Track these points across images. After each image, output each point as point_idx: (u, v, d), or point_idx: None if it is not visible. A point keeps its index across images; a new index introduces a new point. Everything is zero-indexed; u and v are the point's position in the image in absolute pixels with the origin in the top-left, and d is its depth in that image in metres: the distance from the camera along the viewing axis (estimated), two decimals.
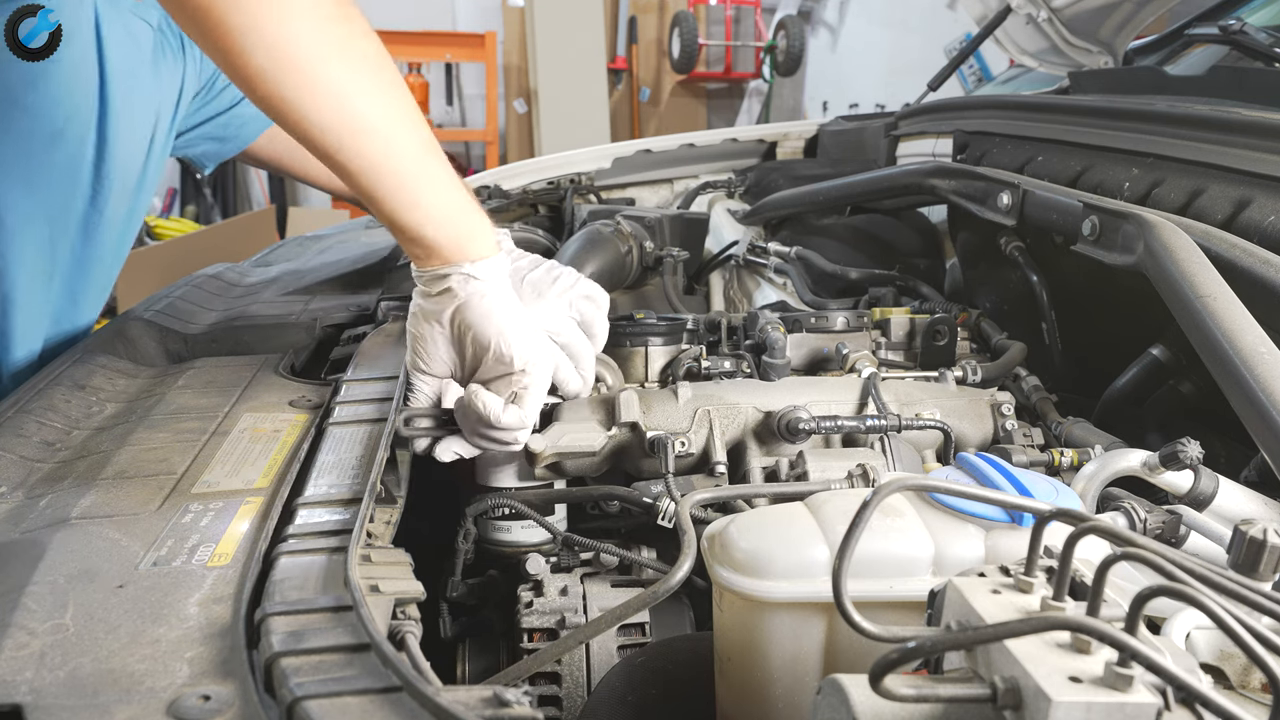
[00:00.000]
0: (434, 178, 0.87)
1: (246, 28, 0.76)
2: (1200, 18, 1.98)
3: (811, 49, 7.42)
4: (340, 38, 0.81)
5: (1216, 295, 0.91)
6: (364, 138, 0.83)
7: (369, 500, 0.74)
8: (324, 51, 0.80)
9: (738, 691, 0.72)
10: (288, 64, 0.78)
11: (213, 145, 1.42)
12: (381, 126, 0.84)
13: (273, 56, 0.78)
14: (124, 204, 1.26)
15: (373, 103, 0.83)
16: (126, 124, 1.21)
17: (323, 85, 0.80)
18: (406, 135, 0.85)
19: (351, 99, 0.82)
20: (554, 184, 2.35)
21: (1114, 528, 0.49)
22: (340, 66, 0.81)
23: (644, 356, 1.24)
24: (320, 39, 0.80)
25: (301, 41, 0.79)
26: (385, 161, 0.84)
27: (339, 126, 0.82)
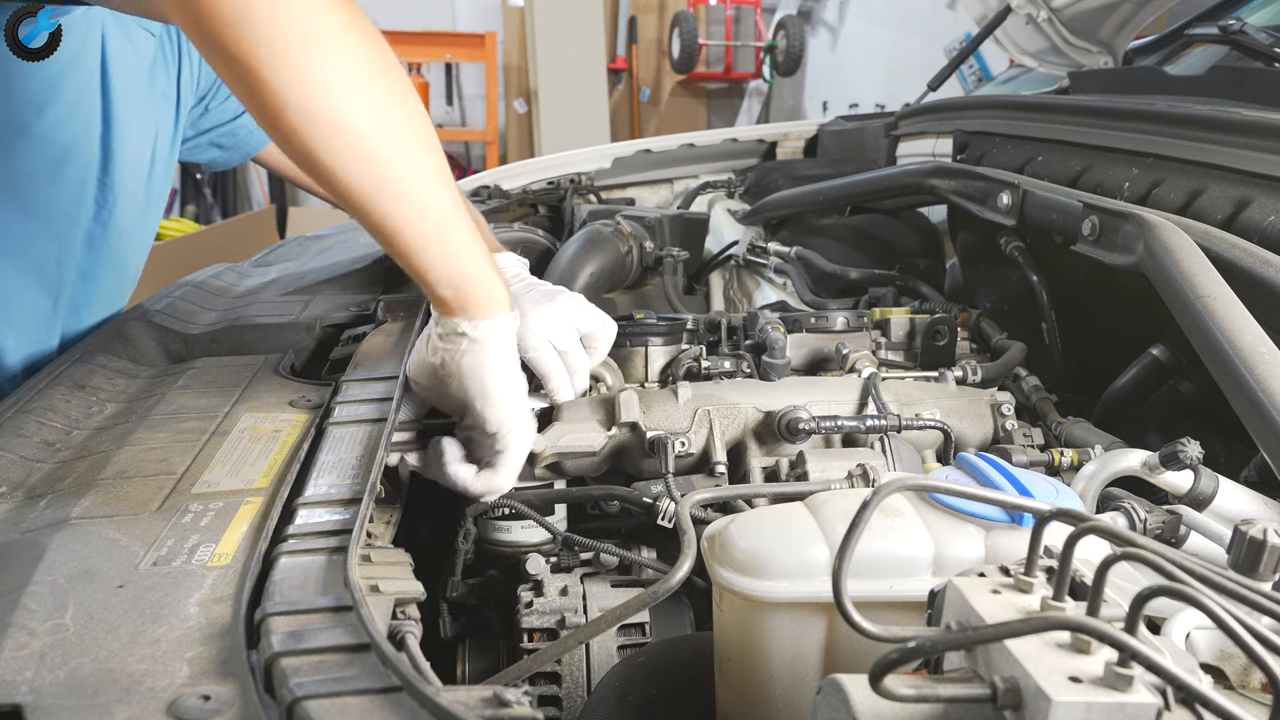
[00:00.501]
0: (455, 241, 0.88)
1: (283, 84, 0.76)
2: (1200, 18, 1.98)
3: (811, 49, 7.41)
4: (379, 100, 0.81)
5: (1216, 295, 0.91)
6: (392, 200, 0.83)
7: (369, 500, 0.74)
8: (361, 115, 0.79)
9: (738, 691, 0.72)
10: (323, 124, 0.78)
11: (218, 153, 1.41)
12: (411, 190, 0.84)
13: (309, 115, 0.77)
14: (130, 216, 1.26)
15: (405, 167, 0.83)
16: (129, 136, 1.21)
17: (357, 147, 0.80)
18: (434, 199, 0.85)
19: (385, 162, 0.82)
20: (554, 184, 2.35)
21: (1114, 528, 0.49)
22: (377, 130, 0.81)
23: (644, 356, 1.24)
24: (359, 102, 0.79)
25: (339, 104, 0.78)
26: (409, 224, 0.85)
27: (370, 187, 0.82)
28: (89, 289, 1.24)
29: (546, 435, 1.01)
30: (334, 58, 0.78)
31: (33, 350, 1.16)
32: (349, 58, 0.79)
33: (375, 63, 0.81)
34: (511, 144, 7.16)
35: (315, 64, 0.77)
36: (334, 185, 0.82)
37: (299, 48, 0.76)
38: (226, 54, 0.75)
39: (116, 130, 1.18)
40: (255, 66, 0.75)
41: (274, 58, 0.75)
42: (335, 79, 0.78)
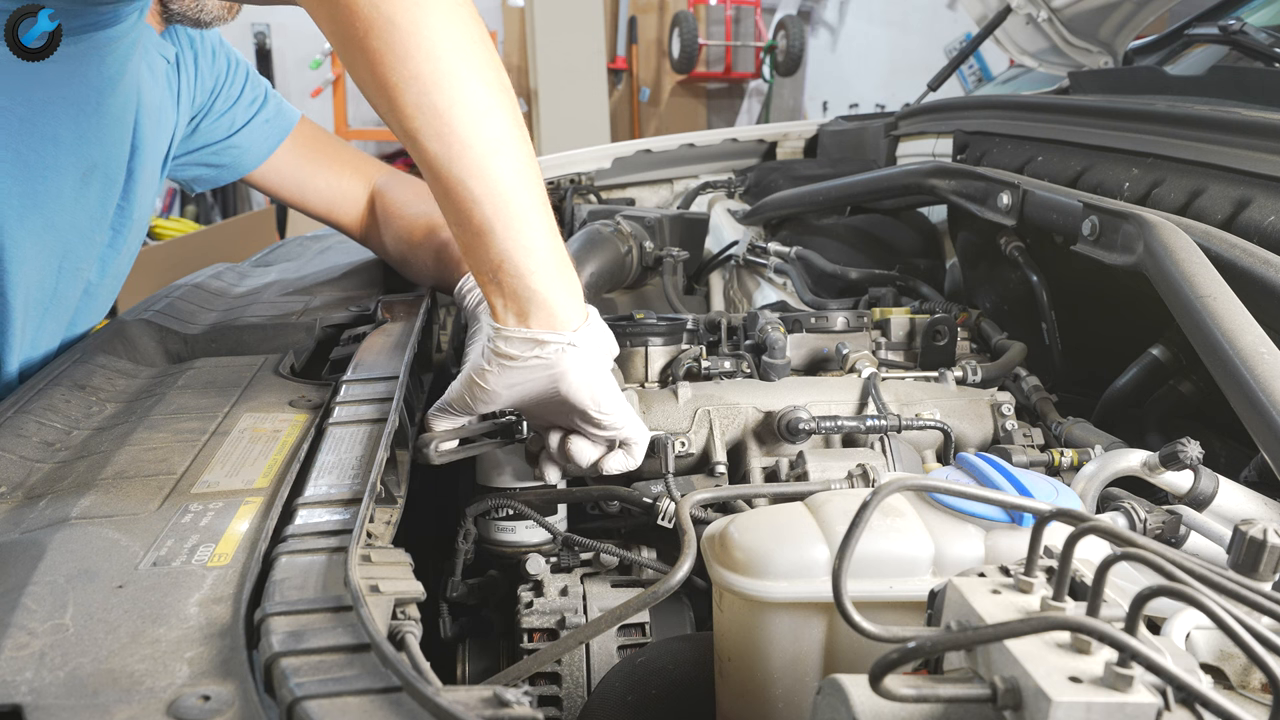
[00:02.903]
0: (548, 223, 0.84)
1: (401, 38, 0.75)
2: (1200, 18, 1.98)
3: (811, 49, 7.42)
4: (486, 60, 0.80)
5: (1216, 295, 0.91)
6: (499, 160, 0.80)
7: (369, 500, 0.74)
8: (472, 69, 0.79)
9: (738, 691, 0.72)
10: (439, 74, 0.77)
11: (206, 171, 1.39)
12: (515, 155, 0.81)
13: (429, 63, 0.76)
14: (138, 238, 1.26)
15: (509, 128, 0.81)
16: (149, 161, 1.20)
17: (471, 101, 0.78)
18: (533, 172, 0.82)
19: (493, 121, 0.79)
20: (554, 184, 2.35)
21: (1114, 528, 0.49)
22: (485, 86, 0.79)
23: (644, 356, 1.24)
24: (471, 57, 0.78)
25: (454, 54, 0.77)
26: (513, 193, 0.80)
27: (479, 146, 0.79)
28: (89, 305, 1.23)
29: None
30: (458, 6, 0.78)
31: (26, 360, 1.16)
32: (468, 9, 0.79)
33: (482, 35, 0.81)
34: None
35: (444, 9, 0.77)
36: (449, 139, 0.78)
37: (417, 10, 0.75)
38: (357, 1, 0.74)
39: (140, 157, 1.18)
40: (387, 8, 0.74)
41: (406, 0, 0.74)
42: (460, 26, 0.78)
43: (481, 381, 0.87)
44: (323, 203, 1.41)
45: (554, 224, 0.85)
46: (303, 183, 1.40)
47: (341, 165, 1.41)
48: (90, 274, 1.19)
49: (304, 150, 1.40)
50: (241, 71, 1.36)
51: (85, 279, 1.19)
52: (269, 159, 1.39)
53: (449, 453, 0.93)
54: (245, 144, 1.37)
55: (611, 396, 0.89)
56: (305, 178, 1.40)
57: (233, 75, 1.35)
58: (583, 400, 0.86)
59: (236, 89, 1.35)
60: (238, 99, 1.34)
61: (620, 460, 0.94)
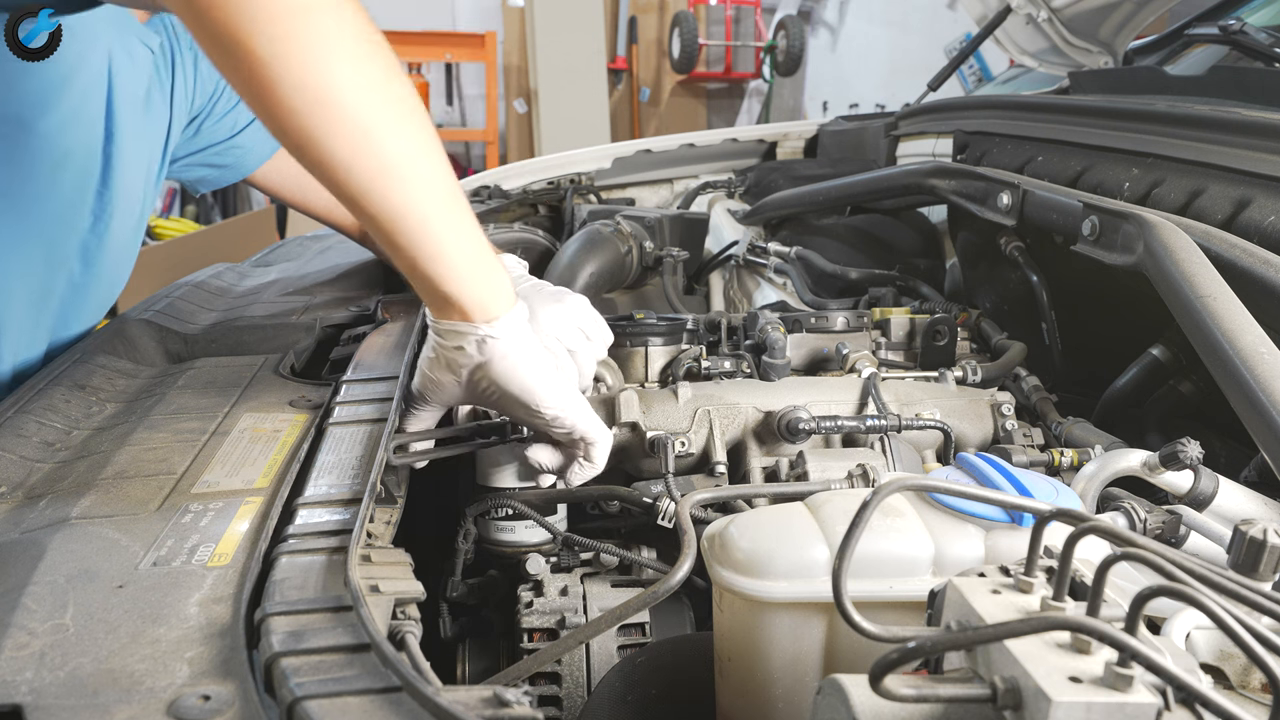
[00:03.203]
0: (459, 229, 0.83)
1: (274, 57, 0.72)
2: (1200, 18, 1.98)
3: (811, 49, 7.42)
4: (375, 78, 0.77)
5: (1216, 295, 0.91)
6: (391, 180, 0.78)
7: (369, 500, 0.74)
8: (357, 90, 0.76)
9: (738, 691, 0.72)
10: (317, 100, 0.74)
11: (210, 172, 1.40)
12: (410, 171, 0.79)
13: (301, 90, 0.73)
14: (124, 231, 1.25)
15: (403, 146, 0.79)
16: (129, 150, 1.20)
17: (352, 124, 0.76)
18: (435, 182, 0.81)
19: (382, 140, 0.77)
20: (554, 184, 2.35)
21: (1114, 528, 0.49)
22: (372, 106, 0.76)
23: (644, 356, 1.24)
24: (354, 77, 0.76)
25: (334, 78, 0.74)
26: (412, 208, 0.80)
27: (366, 168, 0.77)
28: (79, 301, 1.23)
29: None
30: (327, 27, 0.74)
31: (20, 359, 1.16)
32: (346, 31, 0.75)
33: (371, 38, 0.77)
34: (511, 144, 7.17)
35: (307, 34, 0.73)
36: (329, 168, 0.78)
37: (291, 19, 0.72)
38: (216, 29, 0.71)
39: (118, 143, 1.17)
40: (245, 40, 0.71)
41: (266, 30, 0.71)
42: (332, 52, 0.74)
43: (427, 370, 0.89)
44: (323, 203, 1.42)
45: (458, 222, 0.83)
46: (303, 183, 1.41)
47: None
48: (73, 264, 1.19)
49: None
50: None
51: (69, 270, 1.19)
52: (271, 159, 1.39)
53: (420, 454, 0.92)
54: (247, 144, 1.37)
55: (547, 387, 0.87)
56: (306, 178, 1.39)
57: None
58: (514, 389, 0.86)
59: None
60: (239, 100, 1.35)
61: (579, 472, 0.92)
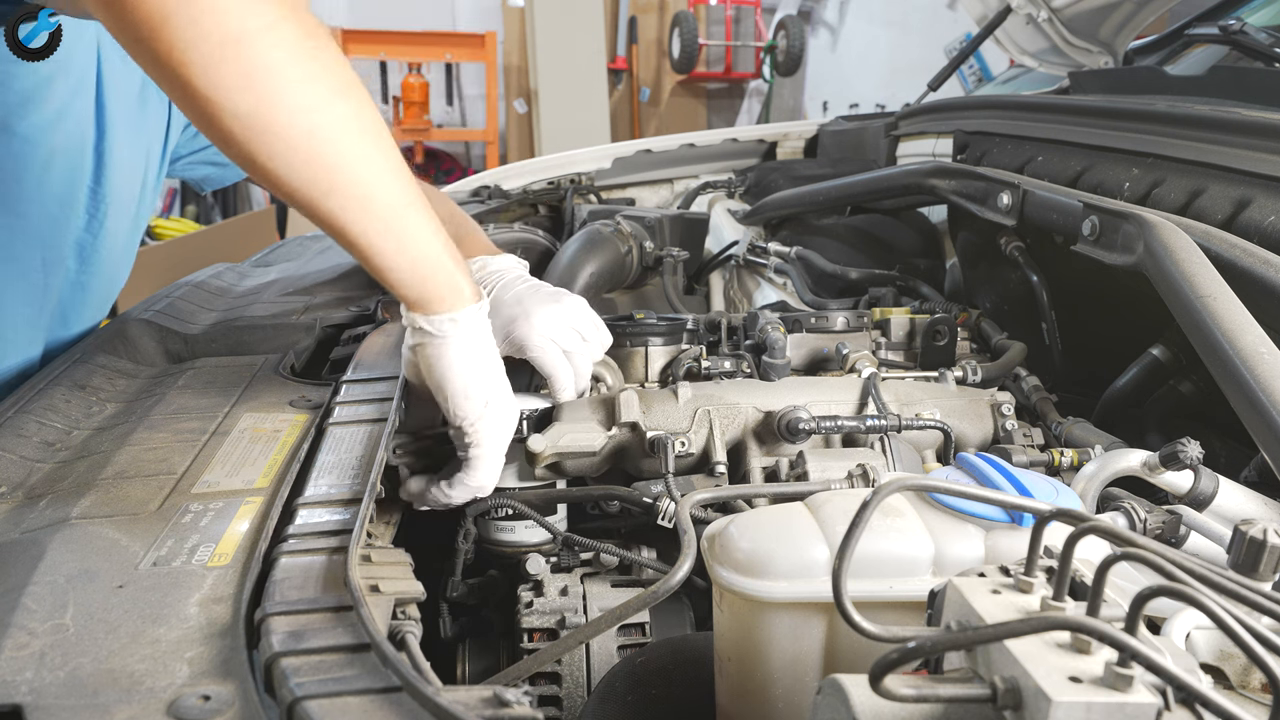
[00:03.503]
0: (411, 236, 0.84)
1: (214, 88, 0.71)
2: (1200, 18, 1.98)
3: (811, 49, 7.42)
4: (318, 97, 0.76)
5: (1216, 295, 0.91)
6: (339, 199, 0.79)
7: (369, 500, 0.74)
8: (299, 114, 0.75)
9: (738, 691, 0.72)
10: (260, 128, 0.74)
11: (213, 170, 1.40)
12: (356, 188, 0.80)
13: (244, 119, 0.73)
14: (122, 228, 1.25)
15: (350, 164, 0.79)
16: (123, 147, 1.20)
17: (297, 148, 0.76)
18: (383, 194, 0.82)
19: (327, 161, 0.78)
20: (554, 184, 2.35)
21: (1114, 528, 0.49)
22: (317, 128, 0.76)
23: (644, 356, 1.24)
24: (296, 101, 0.75)
25: (274, 105, 0.74)
26: (359, 222, 0.81)
27: (313, 187, 0.78)
28: (78, 299, 1.23)
29: (546, 435, 1.01)
30: (266, 56, 0.73)
31: (18, 358, 1.16)
32: (283, 55, 0.74)
33: (312, 58, 0.76)
34: (511, 144, 7.17)
35: (246, 65, 0.72)
36: (277, 188, 0.78)
37: (228, 48, 0.71)
38: (154, 59, 0.70)
39: (110, 141, 1.17)
40: (184, 71, 0.70)
41: (203, 61, 0.70)
42: (269, 79, 0.73)
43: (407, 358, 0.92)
44: None
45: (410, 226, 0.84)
46: None
47: None
48: (69, 262, 1.19)
49: None
50: None
51: (65, 268, 1.19)
52: None
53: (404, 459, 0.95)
54: None
55: (462, 387, 0.88)
56: None
57: None
58: (432, 380, 0.88)
59: None
60: None
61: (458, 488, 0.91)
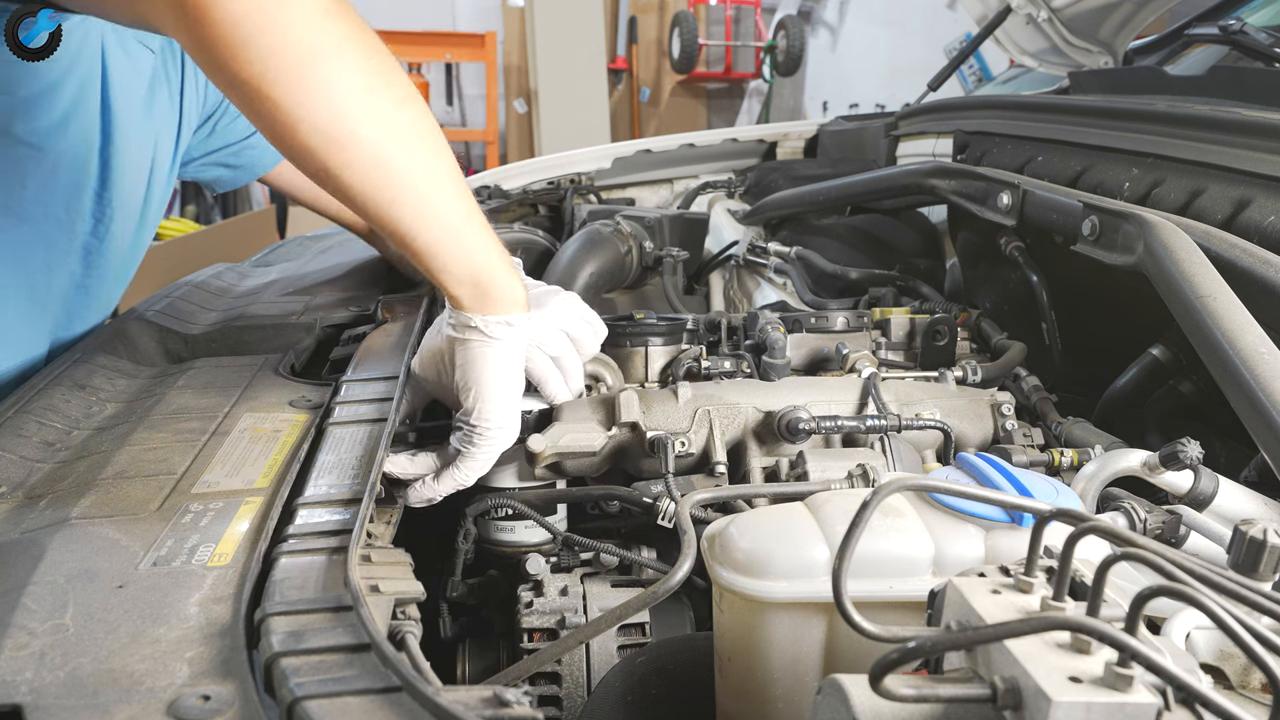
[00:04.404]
0: (472, 241, 0.90)
1: (293, 103, 0.77)
2: (1200, 18, 1.98)
3: (811, 49, 7.42)
4: (386, 108, 0.83)
5: (1216, 295, 0.91)
6: (408, 206, 0.86)
7: (369, 500, 0.74)
8: (370, 125, 0.81)
9: (738, 691, 0.72)
10: (335, 139, 0.80)
11: (225, 172, 1.40)
12: (426, 195, 0.86)
13: (321, 132, 0.79)
14: (128, 230, 1.25)
15: (418, 172, 0.85)
16: (129, 151, 1.20)
17: (369, 158, 0.82)
18: (448, 201, 0.88)
19: (398, 170, 0.84)
20: (554, 184, 2.35)
21: (1114, 528, 0.49)
22: (387, 138, 0.83)
23: (644, 356, 1.24)
24: (367, 113, 0.81)
25: (348, 117, 0.80)
26: (426, 229, 0.87)
27: (384, 195, 0.84)
28: (83, 301, 1.23)
29: (546, 435, 1.01)
30: (338, 70, 0.79)
31: (20, 359, 1.15)
32: (353, 69, 0.80)
33: (378, 70, 0.82)
34: (511, 144, 7.17)
35: (321, 79, 0.78)
36: (349, 196, 0.84)
37: (304, 64, 0.77)
38: (233, 78, 0.77)
39: (117, 144, 1.17)
40: (262, 87, 0.76)
41: (280, 77, 0.76)
42: (342, 92, 0.80)
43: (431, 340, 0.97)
44: (336, 203, 1.42)
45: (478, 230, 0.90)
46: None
47: None
48: (74, 266, 1.19)
49: None
50: None
51: (70, 271, 1.19)
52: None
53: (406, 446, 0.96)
54: (261, 144, 1.37)
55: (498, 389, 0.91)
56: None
57: None
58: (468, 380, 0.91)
59: None
60: None
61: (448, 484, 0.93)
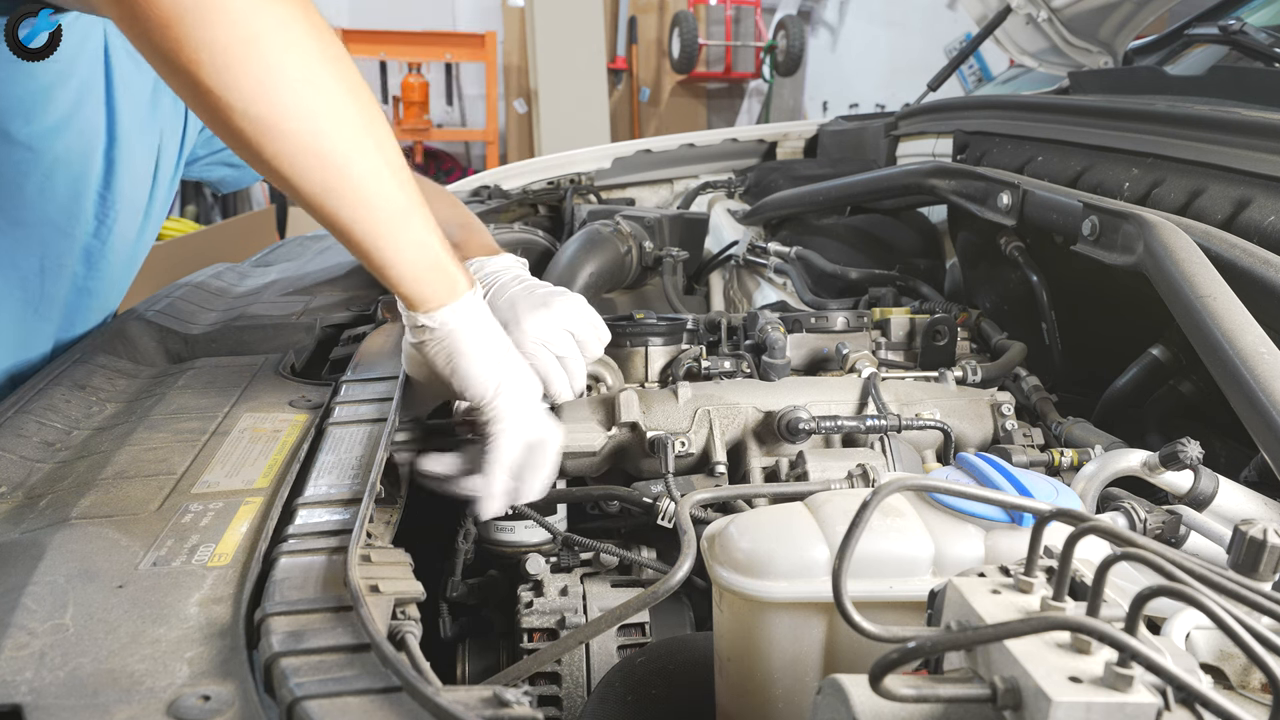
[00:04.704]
0: (410, 237, 0.86)
1: (225, 88, 0.73)
2: (1200, 18, 1.98)
3: (811, 49, 7.42)
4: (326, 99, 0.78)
5: (1216, 295, 0.91)
6: (342, 199, 0.81)
7: (369, 500, 0.74)
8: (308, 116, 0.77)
9: (738, 691, 0.72)
10: (269, 127, 0.76)
11: (230, 171, 1.39)
12: (362, 188, 0.82)
13: (254, 120, 0.75)
14: (131, 231, 1.24)
15: (355, 165, 0.81)
16: (134, 151, 1.19)
17: (299, 148, 0.78)
18: (385, 196, 0.84)
19: (333, 162, 0.80)
20: (554, 184, 2.35)
21: (1114, 528, 0.49)
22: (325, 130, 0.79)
23: (644, 356, 1.24)
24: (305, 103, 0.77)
25: (284, 106, 0.76)
26: (362, 222, 0.83)
27: (318, 186, 0.80)
28: (85, 304, 1.22)
29: None
30: (277, 57, 0.75)
31: (19, 359, 1.15)
32: (293, 56, 0.76)
33: (320, 59, 0.78)
34: (511, 144, 7.17)
35: (257, 66, 0.74)
36: (284, 185, 0.80)
37: (240, 49, 0.73)
38: (166, 58, 0.72)
39: (121, 144, 1.16)
40: (195, 71, 0.72)
41: (214, 61, 0.72)
42: (279, 80, 0.75)
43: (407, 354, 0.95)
44: None
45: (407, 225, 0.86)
46: None
47: None
48: (76, 268, 1.19)
49: None
50: None
51: (71, 274, 1.18)
52: None
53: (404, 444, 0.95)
54: None
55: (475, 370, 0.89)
56: None
57: None
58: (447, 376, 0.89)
59: None
60: None
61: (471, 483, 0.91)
